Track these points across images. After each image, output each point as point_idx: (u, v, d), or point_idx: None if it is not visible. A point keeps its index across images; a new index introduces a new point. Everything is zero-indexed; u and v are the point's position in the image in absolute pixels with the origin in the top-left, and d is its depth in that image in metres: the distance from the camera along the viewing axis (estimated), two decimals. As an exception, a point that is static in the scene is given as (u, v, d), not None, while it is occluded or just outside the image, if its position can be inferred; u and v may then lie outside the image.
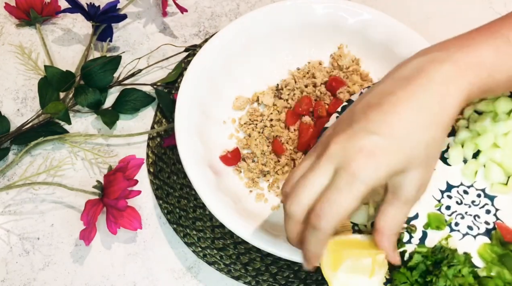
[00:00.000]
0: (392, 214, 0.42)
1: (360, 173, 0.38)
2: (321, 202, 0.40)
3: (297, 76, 0.65)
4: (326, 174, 0.40)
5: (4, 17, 0.74)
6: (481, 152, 0.50)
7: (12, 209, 0.61)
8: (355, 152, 0.39)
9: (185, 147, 0.55)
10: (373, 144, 0.39)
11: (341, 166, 0.39)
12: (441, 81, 0.40)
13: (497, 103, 0.50)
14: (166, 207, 0.61)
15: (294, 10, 0.64)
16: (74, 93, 0.65)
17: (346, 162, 0.39)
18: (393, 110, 0.39)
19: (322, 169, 0.40)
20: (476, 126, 0.50)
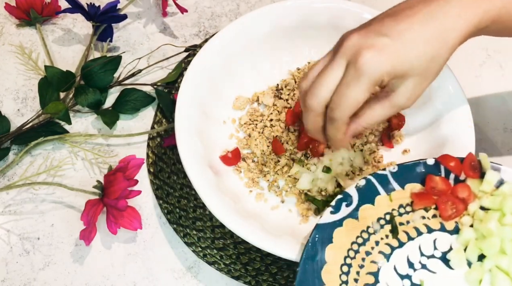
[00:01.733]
0: (376, 111, 0.47)
1: (366, 67, 0.43)
2: (334, 96, 0.45)
3: (297, 76, 0.65)
4: (340, 69, 0.45)
5: (4, 17, 0.74)
6: (487, 257, 0.47)
7: (12, 209, 0.61)
8: (364, 47, 0.43)
9: (185, 147, 0.55)
10: (382, 43, 0.43)
11: (351, 60, 0.44)
12: (457, 4, 0.44)
13: (504, 202, 0.47)
14: (166, 207, 0.61)
15: (294, 10, 0.64)
16: (74, 93, 0.65)
17: (355, 56, 0.44)
18: (406, 20, 0.44)
19: (336, 64, 0.45)
20: (481, 227, 0.47)
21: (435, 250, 0.48)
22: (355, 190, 0.50)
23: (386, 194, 0.50)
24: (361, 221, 0.49)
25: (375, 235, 0.49)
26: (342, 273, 0.47)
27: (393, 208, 0.50)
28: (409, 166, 0.51)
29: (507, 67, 0.71)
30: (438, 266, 0.48)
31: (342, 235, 0.48)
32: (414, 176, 0.51)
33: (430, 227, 0.49)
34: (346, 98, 0.45)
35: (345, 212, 0.49)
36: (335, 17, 0.64)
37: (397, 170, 0.51)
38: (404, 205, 0.50)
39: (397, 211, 0.50)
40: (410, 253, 0.48)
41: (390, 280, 0.47)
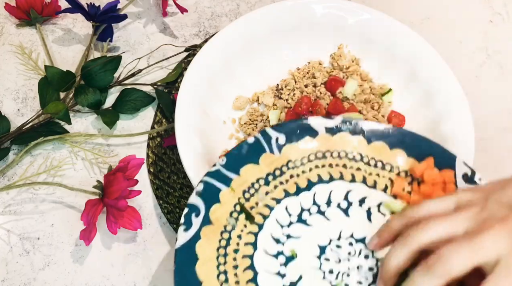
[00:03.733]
0: None
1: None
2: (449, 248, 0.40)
3: (297, 76, 0.65)
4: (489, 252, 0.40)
5: (4, 17, 0.74)
6: None
7: (12, 209, 0.61)
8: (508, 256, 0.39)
9: (185, 147, 0.55)
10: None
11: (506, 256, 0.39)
12: None
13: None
14: (166, 207, 0.61)
15: (294, 10, 0.64)
16: (74, 93, 0.65)
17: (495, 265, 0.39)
18: None
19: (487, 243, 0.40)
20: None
21: (290, 216, 0.49)
22: (197, 197, 0.48)
23: (226, 187, 0.49)
24: (216, 224, 0.48)
25: (235, 230, 0.48)
26: (221, 283, 0.46)
27: (238, 196, 0.49)
28: (234, 152, 0.50)
29: (507, 67, 0.71)
30: (301, 229, 0.48)
31: (204, 247, 0.47)
32: (243, 158, 0.50)
33: (277, 198, 0.49)
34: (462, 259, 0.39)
35: (197, 223, 0.47)
36: (335, 17, 0.64)
37: (226, 160, 0.50)
38: (246, 189, 0.49)
39: (243, 198, 0.49)
40: (271, 230, 0.48)
41: (266, 265, 0.47)
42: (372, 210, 0.49)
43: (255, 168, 0.50)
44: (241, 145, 0.51)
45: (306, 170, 0.51)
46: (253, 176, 0.50)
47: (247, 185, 0.50)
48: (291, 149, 0.51)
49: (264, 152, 0.51)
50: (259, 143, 0.51)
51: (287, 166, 0.51)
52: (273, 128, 0.51)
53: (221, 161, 0.50)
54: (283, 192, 0.50)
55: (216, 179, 0.49)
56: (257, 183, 0.50)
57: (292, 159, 0.51)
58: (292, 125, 0.52)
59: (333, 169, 0.51)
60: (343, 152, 0.52)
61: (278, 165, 0.51)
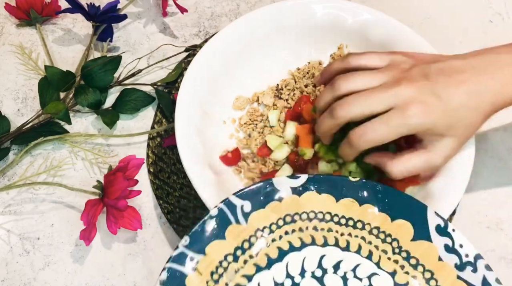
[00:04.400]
0: (414, 160, 0.49)
1: (411, 119, 0.47)
2: (367, 125, 0.48)
3: (297, 76, 0.65)
4: (384, 105, 0.48)
5: (4, 17, 0.74)
6: None
7: (12, 209, 0.61)
8: (417, 101, 0.47)
9: (185, 147, 0.55)
10: (432, 102, 0.47)
11: (400, 106, 0.47)
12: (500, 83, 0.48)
13: None
14: (166, 207, 0.61)
15: (294, 10, 0.64)
16: (74, 93, 0.65)
17: (406, 105, 0.47)
18: (457, 85, 0.48)
19: (384, 98, 0.48)
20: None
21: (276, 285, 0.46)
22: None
23: (193, 271, 0.45)
24: None
25: None
26: None
27: (206, 279, 0.45)
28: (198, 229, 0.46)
29: (507, 67, 0.71)
30: None
31: None
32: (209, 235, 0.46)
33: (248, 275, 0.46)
34: (376, 134, 0.47)
35: None
36: (335, 17, 0.64)
37: (189, 240, 0.46)
38: (214, 270, 0.46)
39: (212, 281, 0.45)
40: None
41: None
42: (348, 275, 0.46)
43: (222, 244, 0.46)
44: (204, 221, 0.47)
45: (276, 238, 0.47)
46: (220, 253, 0.46)
47: (215, 265, 0.46)
48: (258, 216, 0.47)
49: (230, 224, 0.47)
50: (223, 214, 0.47)
51: (255, 235, 0.47)
52: (237, 196, 0.48)
53: (184, 242, 0.46)
54: (254, 267, 0.46)
55: (180, 263, 0.45)
56: (225, 260, 0.46)
57: (260, 227, 0.47)
58: (257, 190, 0.48)
59: (303, 233, 0.47)
60: (312, 213, 0.48)
61: (245, 236, 0.47)
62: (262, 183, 0.48)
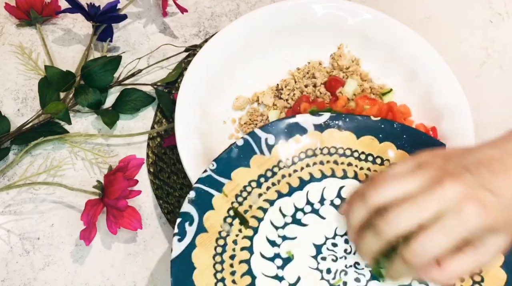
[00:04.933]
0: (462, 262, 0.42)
1: (471, 220, 0.41)
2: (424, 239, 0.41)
3: (297, 76, 0.65)
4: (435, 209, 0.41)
5: (4, 17, 0.74)
6: None
7: (12, 209, 0.61)
8: (470, 199, 0.41)
9: (185, 147, 0.55)
10: (486, 199, 0.41)
11: (453, 208, 0.41)
12: None
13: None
14: (166, 207, 0.61)
15: (294, 10, 0.64)
16: (74, 93, 0.65)
17: (459, 206, 0.41)
18: (503, 175, 0.42)
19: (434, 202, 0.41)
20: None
21: (285, 217, 0.49)
22: (189, 205, 0.48)
23: (218, 192, 0.49)
24: (211, 231, 0.47)
25: (230, 236, 0.48)
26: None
27: (231, 201, 0.49)
28: (224, 156, 0.50)
29: (507, 67, 0.71)
30: (297, 229, 0.48)
31: (200, 256, 0.46)
32: (235, 162, 0.50)
33: (270, 200, 0.49)
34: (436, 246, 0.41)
35: (191, 231, 0.47)
36: (335, 17, 0.64)
37: (216, 165, 0.49)
38: (239, 193, 0.49)
39: (236, 202, 0.49)
40: (267, 233, 0.48)
41: (264, 269, 0.47)
42: None
43: (246, 171, 0.50)
44: (231, 148, 0.50)
45: (298, 169, 0.51)
46: (244, 179, 0.50)
47: (239, 189, 0.49)
48: (281, 148, 0.51)
49: (254, 154, 0.50)
50: (248, 144, 0.50)
51: (278, 166, 0.51)
52: (261, 129, 0.51)
53: (211, 166, 0.49)
54: (276, 193, 0.49)
55: (208, 185, 0.49)
56: (249, 186, 0.50)
57: (282, 158, 0.51)
58: (281, 125, 0.51)
59: (324, 166, 0.51)
60: (333, 148, 0.51)
61: (269, 166, 0.50)
62: (287, 119, 0.51)
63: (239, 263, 0.47)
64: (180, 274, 0.46)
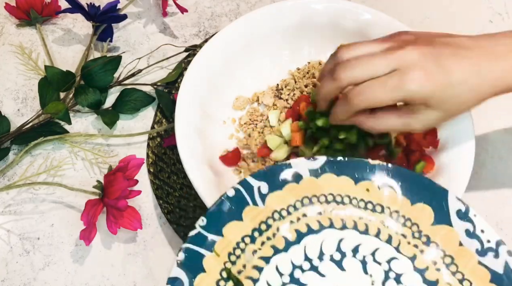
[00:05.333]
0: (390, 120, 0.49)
1: (410, 84, 0.45)
2: (366, 84, 0.47)
3: (297, 76, 0.65)
4: (386, 67, 0.47)
5: (4, 17, 0.74)
6: None
7: (12, 209, 0.61)
8: (418, 66, 0.46)
9: (185, 147, 0.55)
10: (433, 71, 0.46)
11: (401, 69, 0.46)
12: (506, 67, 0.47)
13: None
14: (166, 207, 0.61)
15: (294, 10, 0.64)
16: (74, 93, 0.65)
17: (407, 70, 0.46)
18: (461, 61, 0.46)
19: (386, 61, 0.47)
20: None
21: (282, 276, 0.45)
22: (178, 269, 0.44)
23: (209, 252, 0.45)
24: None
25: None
26: None
27: (224, 261, 0.45)
28: (215, 209, 0.46)
29: (507, 67, 0.71)
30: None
31: None
32: (226, 216, 0.46)
33: (265, 257, 0.45)
34: (374, 94, 0.47)
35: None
36: (335, 17, 0.64)
37: (207, 221, 0.45)
38: (232, 251, 0.45)
39: (229, 262, 0.45)
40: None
41: None
42: (367, 259, 0.46)
43: (238, 225, 0.46)
44: (221, 201, 0.46)
45: (294, 220, 0.47)
46: (237, 234, 0.46)
47: (232, 246, 0.45)
48: (275, 197, 0.47)
49: (247, 205, 0.46)
50: (240, 195, 0.46)
51: (272, 217, 0.46)
52: (253, 177, 0.47)
53: (201, 222, 0.45)
54: (272, 249, 0.46)
55: (198, 244, 0.45)
56: (242, 242, 0.46)
57: (277, 208, 0.47)
58: (274, 171, 0.47)
59: (322, 216, 0.47)
60: (330, 196, 0.48)
61: (263, 217, 0.46)
62: (280, 164, 0.48)
63: None
64: None
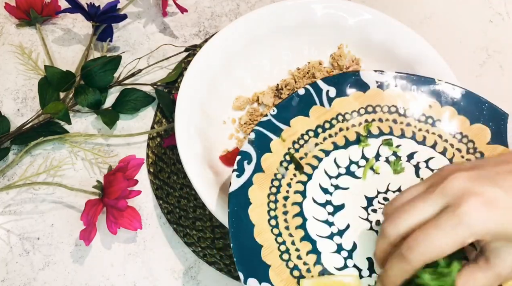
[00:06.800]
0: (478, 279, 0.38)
1: (470, 217, 0.36)
2: (417, 233, 0.38)
3: (297, 76, 0.65)
4: (434, 206, 0.38)
5: (4, 17, 0.74)
6: None
7: (12, 209, 0.61)
8: (472, 193, 0.37)
9: (185, 147, 0.55)
10: (494, 195, 0.36)
11: (452, 203, 0.37)
12: None
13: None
14: (166, 207, 0.61)
15: (294, 10, 0.64)
16: (74, 93, 0.65)
17: (459, 201, 0.37)
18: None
19: (431, 200, 0.39)
20: None
21: (339, 168, 0.50)
22: (249, 145, 0.50)
23: (276, 137, 0.51)
24: (267, 172, 0.49)
25: (284, 179, 0.49)
26: (272, 227, 0.47)
27: (288, 146, 0.50)
28: (285, 103, 0.52)
29: (507, 67, 0.71)
30: (350, 181, 0.49)
31: (256, 193, 0.48)
32: (294, 110, 0.52)
33: (326, 150, 0.51)
34: (430, 242, 0.37)
35: (249, 169, 0.49)
36: (335, 17, 0.64)
37: (277, 111, 0.51)
38: (296, 140, 0.51)
39: (293, 148, 0.51)
40: (320, 181, 0.49)
41: (315, 213, 0.48)
42: (421, 165, 0.50)
43: (305, 120, 0.51)
44: (292, 97, 0.52)
45: (356, 124, 0.52)
46: (302, 127, 0.51)
47: (297, 136, 0.51)
48: (341, 102, 0.52)
49: (314, 104, 0.52)
50: (309, 94, 0.52)
51: (336, 118, 0.52)
52: (324, 81, 0.52)
53: (272, 111, 0.51)
54: (332, 145, 0.51)
55: (267, 128, 0.51)
56: (306, 134, 0.51)
57: (342, 112, 0.52)
58: (343, 79, 0.52)
59: (382, 123, 0.52)
60: (393, 107, 0.52)
61: (327, 117, 0.52)
62: (350, 73, 0.53)
63: (292, 205, 0.48)
64: (237, 206, 0.47)
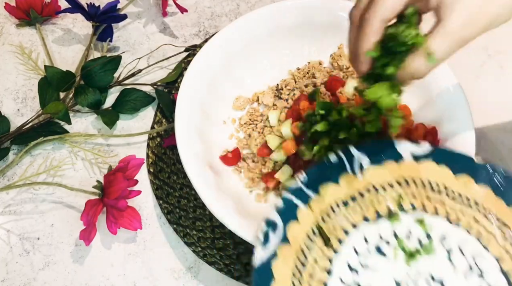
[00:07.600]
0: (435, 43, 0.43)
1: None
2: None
3: (297, 76, 0.65)
4: None
5: (4, 17, 0.74)
6: None
7: (12, 209, 0.61)
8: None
9: (185, 147, 0.55)
10: None
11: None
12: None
13: None
14: (166, 207, 0.61)
15: (294, 10, 0.64)
16: (74, 93, 0.65)
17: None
18: None
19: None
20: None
21: (368, 244, 0.47)
22: (276, 213, 0.47)
23: (304, 205, 0.48)
24: (293, 243, 0.47)
25: (311, 253, 0.47)
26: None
27: (316, 217, 0.48)
28: (315, 170, 0.49)
29: (507, 67, 0.71)
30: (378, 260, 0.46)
31: (281, 268, 0.46)
32: (324, 176, 0.49)
33: (355, 224, 0.48)
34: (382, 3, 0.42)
35: (275, 240, 0.47)
36: (335, 17, 0.64)
37: (307, 177, 0.49)
38: (325, 210, 0.48)
39: (321, 219, 0.48)
40: (348, 258, 0.47)
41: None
42: (454, 250, 0.46)
43: (335, 188, 0.49)
44: (323, 163, 0.49)
45: (388, 197, 0.49)
46: (332, 196, 0.48)
47: (326, 206, 0.48)
48: (373, 171, 0.49)
49: (345, 172, 0.49)
50: (341, 162, 0.49)
51: (368, 190, 0.49)
52: (356, 148, 0.50)
53: (301, 178, 0.49)
54: (362, 218, 0.48)
55: (296, 196, 0.48)
56: (335, 204, 0.48)
57: (373, 182, 0.49)
58: (377, 147, 0.50)
59: (415, 199, 0.48)
60: (427, 182, 0.49)
61: (359, 188, 0.49)
62: (385, 142, 0.50)
63: (317, 283, 0.46)
64: (260, 282, 0.45)
